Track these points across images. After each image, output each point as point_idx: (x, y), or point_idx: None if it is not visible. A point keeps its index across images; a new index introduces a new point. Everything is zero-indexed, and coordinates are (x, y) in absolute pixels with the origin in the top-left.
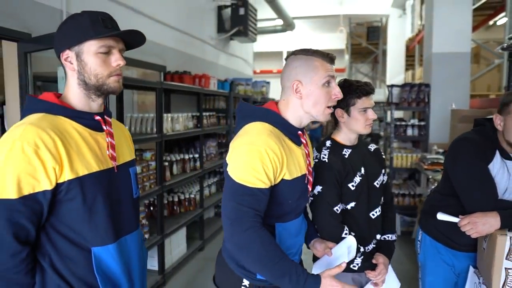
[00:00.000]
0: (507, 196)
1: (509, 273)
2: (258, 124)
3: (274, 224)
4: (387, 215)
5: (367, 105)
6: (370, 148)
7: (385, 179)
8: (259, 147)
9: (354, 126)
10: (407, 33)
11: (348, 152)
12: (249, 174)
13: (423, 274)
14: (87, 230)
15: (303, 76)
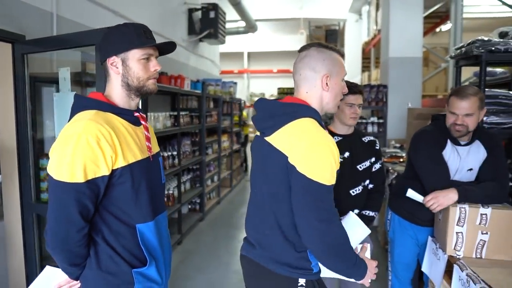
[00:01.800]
0: (457, 176)
1: (458, 236)
2: (309, 120)
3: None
4: (372, 196)
5: (353, 102)
6: (365, 139)
7: (377, 167)
8: (328, 142)
9: (341, 117)
10: (363, 36)
11: (337, 139)
12: (329, 172)
13: (392, 247)
14: (133, 210)
15: (331, 70)
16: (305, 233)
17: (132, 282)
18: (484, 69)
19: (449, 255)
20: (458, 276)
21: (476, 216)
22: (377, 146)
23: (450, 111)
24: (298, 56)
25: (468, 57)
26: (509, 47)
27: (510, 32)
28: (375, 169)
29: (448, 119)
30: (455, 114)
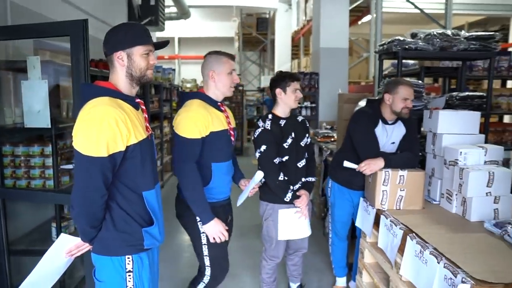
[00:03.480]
0: (384, 148)
1: (384, 193)
2: (196, 101)
3: (211, 164)
4: (309, 165)
5: (297, 87)
6: (298, 119)
7: (309, 141)
8: (198, 114)
9: (288, 101)
10: (293, 26)
11: (283, 122)
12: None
13: (333, 210)
14: (140, 179)
15: (215, 67)
16: None
17: (142, 239)
18: (400, 63)
19: (377, 209)
20: (384, 223)
21: (396, 177)
22: (307, 123)
23: (402, 98)
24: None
25: (389, 53)
26: (418, 46)
27: (419, 34)
28: (309, 143)
29: (398, 104)
30: (407, 99)
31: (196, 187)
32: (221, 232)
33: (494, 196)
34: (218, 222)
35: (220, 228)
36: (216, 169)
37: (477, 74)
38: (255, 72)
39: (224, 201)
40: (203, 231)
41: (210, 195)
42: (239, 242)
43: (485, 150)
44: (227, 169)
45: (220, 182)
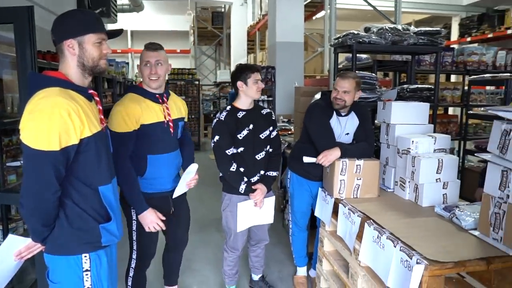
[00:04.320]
0: (339, 139)
1: (342, 183)
2: (130, 94)
3: (146, 156)
4: (272, 159)
5: (258, 78)
6: (263, 111)
7: (274, 134)
8: (127, 107)
9: (250, 93)
10: (248, 20)
11: (242, 114)
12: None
13: (292, 200)
14: (96, 174)
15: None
16: None
17: (100, 236)
18: (355, 56)
19: (335, 198)
20: (342, 211)
21: (353, 166)
22: (273, 117)
23: (334, 87)
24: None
25: (343, 46)
26: (371, 40)
27: (372, 28)
28: (273, 136)
29: (332, 94)
30: (337, 90)
31: (128, 180)
32: (155, 222)
33: (443, 182)
34: (151, 213)
35: (154, 219)
36: (152, 161)
37: (424, 68)
38: (211, 67)
39: (165, 193)
40: (135, 219)
41: (147, 185)
42: (198, 236)
43: (434, 139)
44: (167, 161)
45: (158, 174)
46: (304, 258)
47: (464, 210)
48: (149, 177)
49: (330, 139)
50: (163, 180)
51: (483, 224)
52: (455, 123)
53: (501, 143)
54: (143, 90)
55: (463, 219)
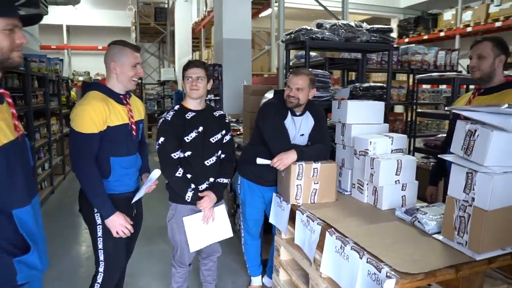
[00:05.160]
0: (294, 141)
1: (298, 187)
2: (93, 92)
3: (109, 158)
4: (225, 165)
5: (190, 75)
6: (216, 114)
7: (227, 138)
8: (95, 107)
9: (187, 92)
10: (193, 17)
11: (191, 115)
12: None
13: (244, 207)
14: (8, 195)
15: (118, 58)
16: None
17: (14, 273)
18: (308, 52)
19: (291, 204)
20: (300, 219)
21: (310, 170)
22: (227, 120)
23: (287, 85)
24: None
25: (296, 42)
26: (325, 36)
27: (324, 24)
28: (226, 141)
29: (285, 91)
30: (290, 87)
31: (93, 183)
32: (124, 226)
33: (402, 183)
34: (119, 216)
35: (122, 222)
36: (115, 163)
37: (371, 67)
38: (155, 65)
39: (127, 194)
40: (100, 223)
41: (110, 187)
42: (144, 247)
43: (392, 139)
44: (129, 163)
45: (120, 176)
46: (259, 267)
47: (425, 213)
48: (113, 180)
49: (285, 140)
50: (126, 182)
51: (447, 228)
52: (401, 121)
53: (465, 144)
54: (108, 89)
55: (426, 223)
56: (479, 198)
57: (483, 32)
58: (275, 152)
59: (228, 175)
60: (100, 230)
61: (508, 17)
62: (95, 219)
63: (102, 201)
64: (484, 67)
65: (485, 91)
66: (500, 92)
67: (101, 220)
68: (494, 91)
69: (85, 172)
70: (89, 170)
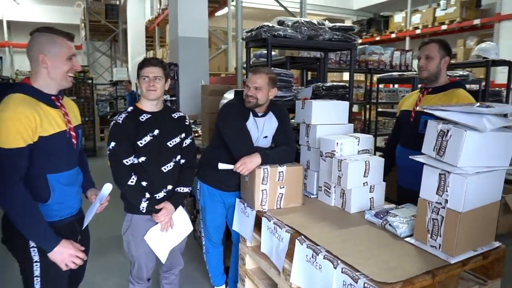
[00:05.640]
0: (257, 143)
1: (263, 193)
2: (15, 95)
3: (46, 176)
4: (185, 171)
5: (147, 74)
6: (174, 115)
7: (187, 142)
8: (19, 114)
9: (142, 92)
10: (147, 15)
11: (146, 117)
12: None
13: (204, 214)
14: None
15: (48, 50)
16: None
17: None
18: (270, 50)
19: (257, 211)
20: (266, 226)
21: (276, 174)
22: (187, 122)
23: (246, 84)
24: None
25: (257, 40)
26: (287, 33)
27: (286, 21)
28: (186, 145)
29: (244, 91)
30: (248, 86)
31: (25, 210)
32: (74, 256)
33: (370, 185)
34: (67, 245)
35: (71, 251)
36: (55, 181)
37: (330, 66)
38: (107, 64)
39: (71, 217)
40: (37, 260)
41: (50, 213)
42: (98, 260)
43: (358, 139)
44: (69, 179)
45: (63, 196)
46: (222, 275)
47: (395, 215)
48: (53, 203)
49: (247, 143)
50: (70, 202)
51: (420, 231)
52: (359, 120)
53: (437, 145)
54: (35, 89)
55: (397, 226)
56: (453, 200)
57: (430, 35)
58: (237, 156)
59: (188, 183)
60: (37, 268)
61: (452, 21)
62: (30, 254)
63: (41, 232)
64: (432, 67)
65: (433, 90)
66: (447, 91)
67: (39, 255)
68: (441, 90)
69: (12, 198)
70: (18, 195)
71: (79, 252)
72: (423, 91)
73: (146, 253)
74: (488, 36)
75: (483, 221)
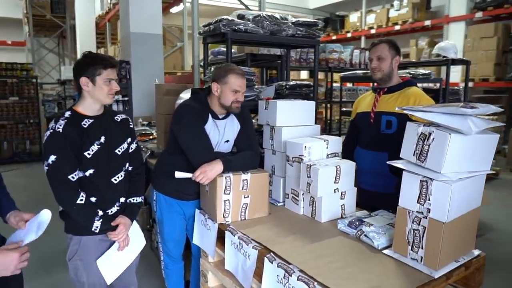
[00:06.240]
0: (218, 148)
1: (226, 203)
2: None
3: None
4: (134, 179)
5: (112, 77)
6: (117, 118)
7: (133, 147)
8: None
9: (98, 95)
10: (97, 9)
11: (88, 123)
12: None
13: (161, 228)
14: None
15: None
16: None
17: None
18: (230, 46)
19: (219, 224)
20: (230, 241)
21: (239, 182)
22: (131, 125)
23: (233, 89)
24: None
25: (215, 35)
26: (248, 28)
27: (246, 15)
28: (132, 150)
29: (228, 96)
30: (238, 91)
31: None
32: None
33: (341, 192)
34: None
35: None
36: None
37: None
38: (54, 62)
39: None
40: None
41: None
42: (44, 280)
43: (327, 142)
44: None
45: None
46: None
47: (370, 224)
48: None
49: (206, 150)
50: None
51: (399, 243)
52: (320, 120)
53: (418, 149)
54: None
55: (374, 237)
56: (436, 209)
57: (384, 34)
58: (196, 164)
59: (140, 192)
60: None
61: (405, 22)
62: None
63: None
64: (384, 68)
65: (388, 90)
66: (402, 90)
67: None
68: (396, 90)
69: None
70: None
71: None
72: (378, 92)
73: (98, 278)
74: (438, 36)
75: (465, 229)
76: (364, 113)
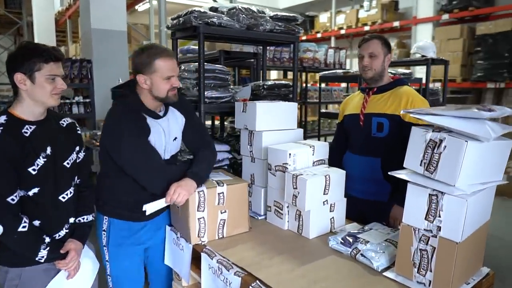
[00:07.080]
0: (167, 155)
1: (201, 221)
2: None
3: None
4: (82, 195)
5: (57, 73)
6: (63, 123)
7: (81, 156)
8: None
9: (39, 96)
10: (56, 5)
11: (30, 130)
12: None
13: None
14: None
15: None
16: None
17: None
18: (203, 42)
19: (194, 245)
20: (207, 264)
21: (214, 196)
22: (78, 130)
23: (165, 76)
24: None
25: (186, 28)
26: (222, 22)
27: (219, 8)
28: (80, 160)
29: (161, 86)
30: (172, 76)
31: None
32: None
33: (330, 203)
34: None
35: None
36: None
37: None
38: None
39: None
40: None
41: None
42: None
43: (313, 148)
44: None
45: None
46: None
47: (366, 241)
48: None
49: (158, 166)
50: None
51: (403, 264)
52: None
53: (426, 158)
54: None
55: (373, 258)
56: (448, 227)
57: (354, 35)
58: (152, 188)
59: (91, 209)
60: None
61: (374, 22)
62: None
63: None
64: (377, 66)
65: (378, 90)
66: (393, 89)
67: None
68: (387, 89)
69: None
70: None
71: None
72: (367, 92)
73: None
74: (406, 37)
75: (476, 246)
76: (353, 115)
